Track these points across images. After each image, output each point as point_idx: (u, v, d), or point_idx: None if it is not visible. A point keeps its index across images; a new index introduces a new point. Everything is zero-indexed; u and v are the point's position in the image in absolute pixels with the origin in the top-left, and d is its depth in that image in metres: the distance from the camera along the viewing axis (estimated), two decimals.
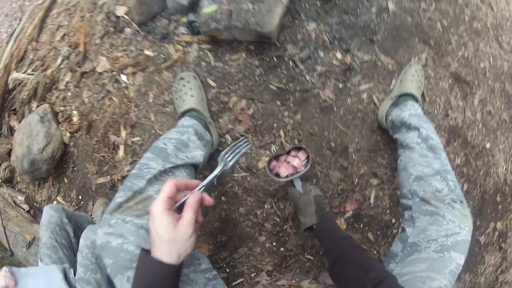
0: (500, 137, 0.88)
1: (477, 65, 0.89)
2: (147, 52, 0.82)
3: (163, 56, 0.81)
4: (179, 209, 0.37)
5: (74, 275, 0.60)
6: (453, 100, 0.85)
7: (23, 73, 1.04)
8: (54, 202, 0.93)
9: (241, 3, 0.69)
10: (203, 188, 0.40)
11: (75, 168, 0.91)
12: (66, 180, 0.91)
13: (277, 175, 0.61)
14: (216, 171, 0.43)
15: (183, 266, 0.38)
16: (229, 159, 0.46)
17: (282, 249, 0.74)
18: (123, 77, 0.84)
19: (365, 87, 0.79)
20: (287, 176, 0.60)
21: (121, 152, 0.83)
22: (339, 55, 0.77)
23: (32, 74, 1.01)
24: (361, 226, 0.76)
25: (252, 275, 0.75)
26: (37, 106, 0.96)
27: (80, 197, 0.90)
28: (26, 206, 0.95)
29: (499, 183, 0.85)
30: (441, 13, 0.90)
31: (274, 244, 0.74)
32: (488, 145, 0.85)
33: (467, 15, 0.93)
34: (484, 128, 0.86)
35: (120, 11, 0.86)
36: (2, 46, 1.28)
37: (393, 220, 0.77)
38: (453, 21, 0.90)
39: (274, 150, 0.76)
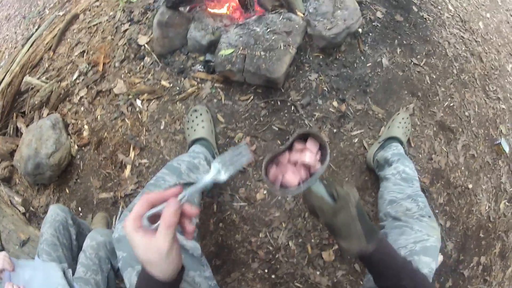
0: (483, 178, 1.00)
1: (462, 113, 1.04)
2: (163, 83, 0.95)
3: (178, 88, 0.94)
4: (158, 217, 0.33)
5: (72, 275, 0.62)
6: (437, 146, 0.99)
7: (37, 79, 1.15)
8: None
9: (255, 50, 0.84)
10: (184, 198, 0.33)
11: (78, 180, 0.99)
12: (67, 190, 0.99)
13: (283, 186, 0.39)
14: (204, 180, 0.35)
15: (184, 274, 0.38)
16: (224, 170, 0.35)
17: (273, 276, 0.83)
18: (138, 102, 0.97)
19: (357, 132, 0.93)
20: (299, 185, 0.39)
21: (127, 171, 0.94)
22: (335, 103, 0.92)
23: (46, 82, 1.12)
24: (348, 257, 0.87)
25: None
26: (48, 114, 1.06)
27: (80, 208, 0.97)
28: (22, 208, 0.99)
29: (482, 220, 0.96)
30: (431, 67, 1.07)
31: (266, 271, 0.84)
32: (470, 186, 0.97)
33: (455, 68, 1.11)
34: (466, 170, 0.99)
35: (142, 40, 1.01)
36: (16, 47, 1.39)
37: None
38: (441, 74, 1.07)
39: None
